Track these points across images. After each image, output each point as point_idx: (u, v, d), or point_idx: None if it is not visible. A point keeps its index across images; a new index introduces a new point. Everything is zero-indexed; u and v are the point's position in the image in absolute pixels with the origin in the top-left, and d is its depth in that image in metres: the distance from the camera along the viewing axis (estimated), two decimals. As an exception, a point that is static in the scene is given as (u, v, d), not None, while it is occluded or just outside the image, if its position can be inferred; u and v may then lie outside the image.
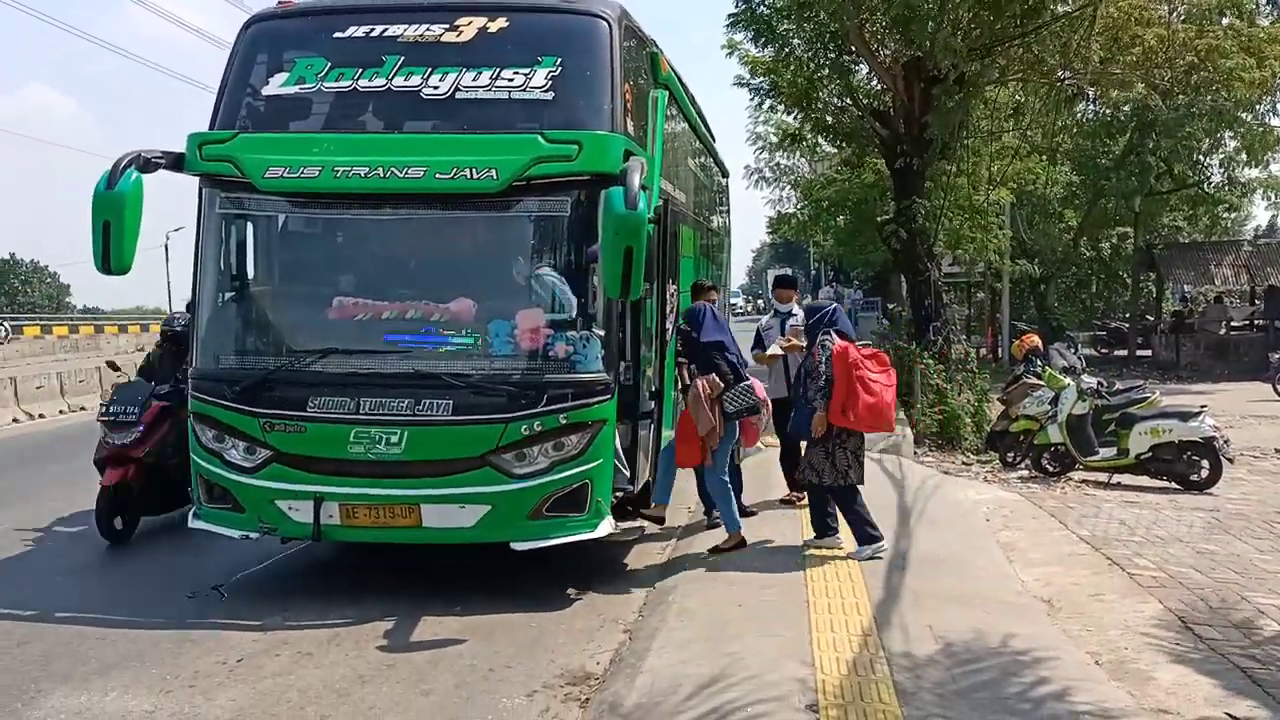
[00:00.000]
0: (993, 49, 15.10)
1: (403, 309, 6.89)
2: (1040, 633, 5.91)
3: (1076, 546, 8.05)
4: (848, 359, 7.13)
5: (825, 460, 7.29)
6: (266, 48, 7.36)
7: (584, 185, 6.63)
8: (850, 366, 7.09)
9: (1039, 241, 28.67)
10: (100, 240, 6.40)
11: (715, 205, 15.19)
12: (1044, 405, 11.71)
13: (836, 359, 7.15)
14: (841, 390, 7.11)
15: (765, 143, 26.46)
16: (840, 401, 7.11)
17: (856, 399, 7.07)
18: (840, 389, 7.11)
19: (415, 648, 6.04)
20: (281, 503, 6.69)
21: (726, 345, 7.57)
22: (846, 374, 7.09)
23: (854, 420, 7.15)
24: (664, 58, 8.38)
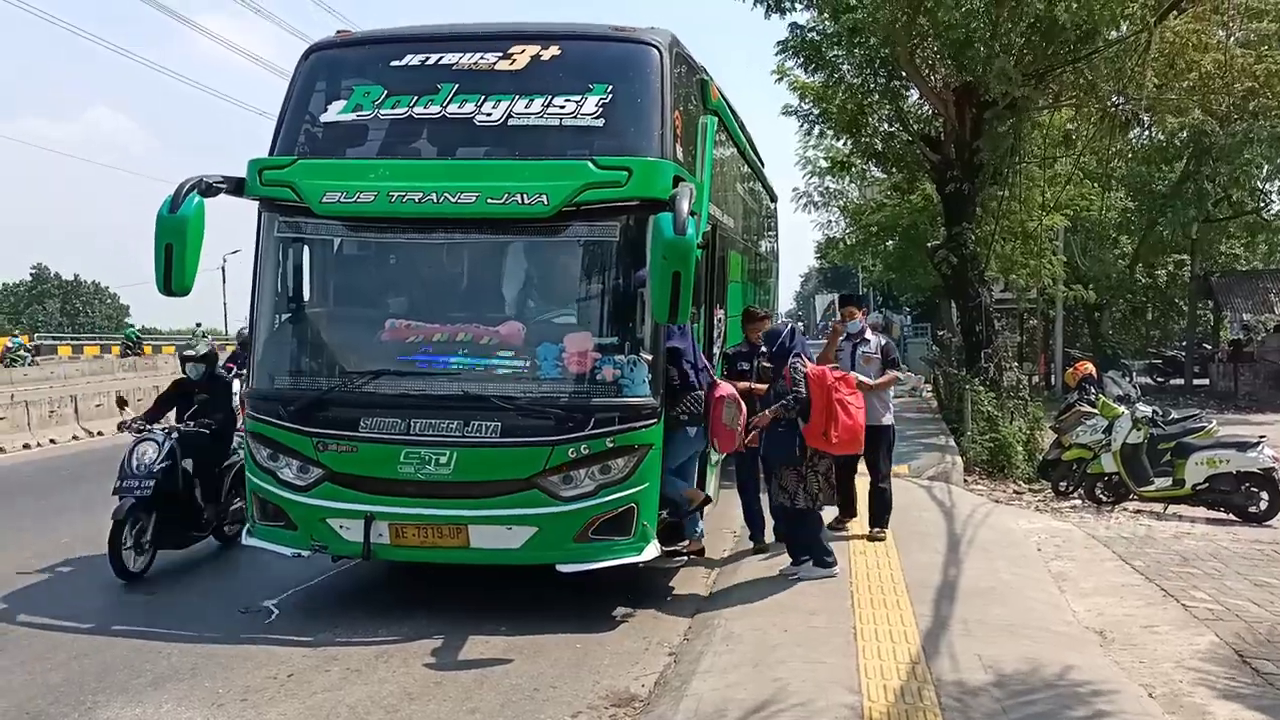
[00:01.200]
0: (1045, 74, 15.00)
1: (454, 332, 6.99)
2: (1092, 664, 5.81)
3: (1130, 577, 7.90)
4: (825, 382, 7.15)
5: (798, 483, 7.29)
6: (325, 76, 7.54)
7: (633, 210, 6.70)
8: (829, 390, 7.12)
9: (1093, 268, 28.27)
10: (162, 262, 6.58)
11: (763, 230, 15.22)
12: (1098, 434, 11.54)
13: (814, 382, 7.16)
14: (820, 413, 7.11)
15: (814, 167, 26.47)
16: (820, 424, 7.12)
17: (837, 421, 7.10)
18: (819, 412, 7.12)
19: (462, 666, 6.09)
20: (333, 521, 6.80)
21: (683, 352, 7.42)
22: (825, 398, 7.11)
23: (835, 442, 7.17)
24: (714, 84, 8.45)
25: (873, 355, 8.59)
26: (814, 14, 16.04)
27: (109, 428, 18.24)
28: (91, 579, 8.10)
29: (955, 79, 15.51)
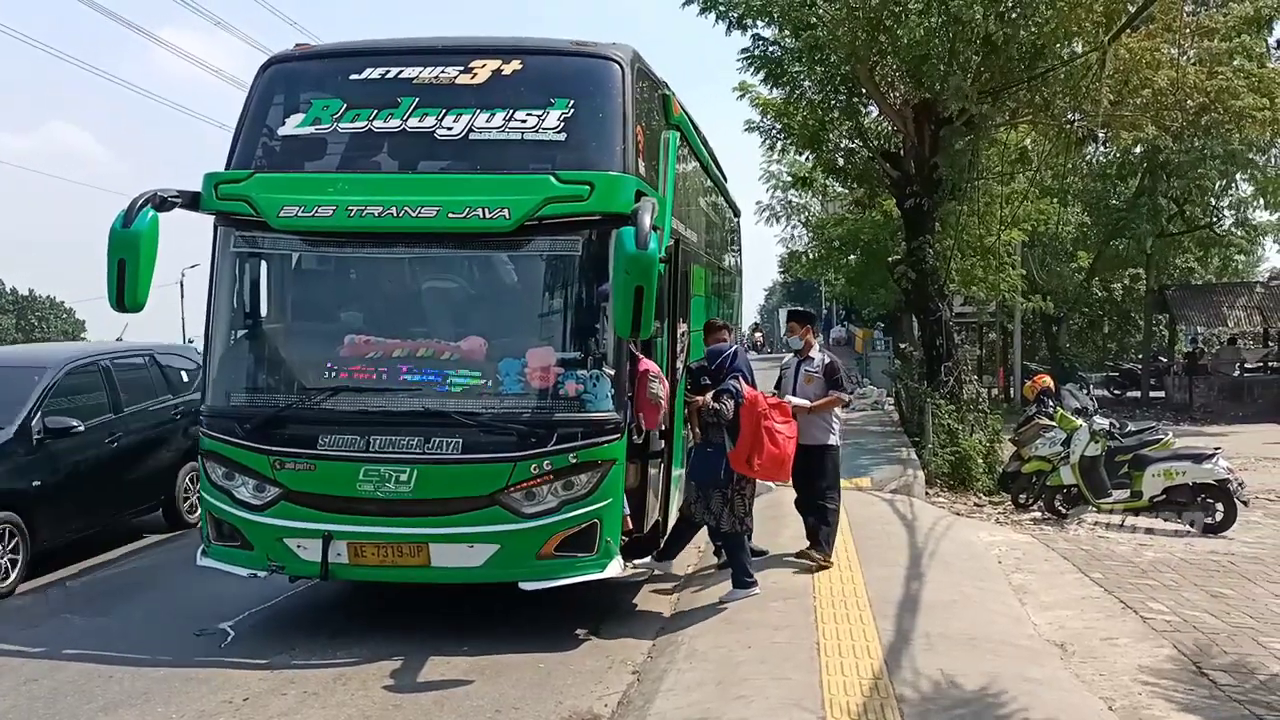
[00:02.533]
0: (1001, 92, 15.18)
1: (414, 347, 6.92)
2: (1053, 677, 5.84)
3: (1089, 589, 7.97)
4: (757, 409, 7.18)
5: (723, 506, 7.35)
6: (284, 89, 7.45)
7: (595, 225, 6.67)
8: (759, 416, 7.15)
9: (1051, 282, 28.65)
10: (115, 278, 6.46)
11: (727, 244, 15.24)
12: (1056, 446, 11.65)
13: (746, 408, 7.19)
14: (748, 439, 7.16)
15: (778, 181, 26.62)
16: (746, 450, 7.16)
17: (762, 448, 7.14)
18: (746, 438, 7.16)
19: (422, 688, 6.01)
20: (290, 541, 6.69)
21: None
22: (755, 424, 7.15)
23: (757, 469, 7.22)
24: (676, 99, 8.45)
25: (814, 374, 8.38)
26: (775, 30, 16.14)
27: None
28: (41, 601, 7.92)
29: (914, 96, 15.65)
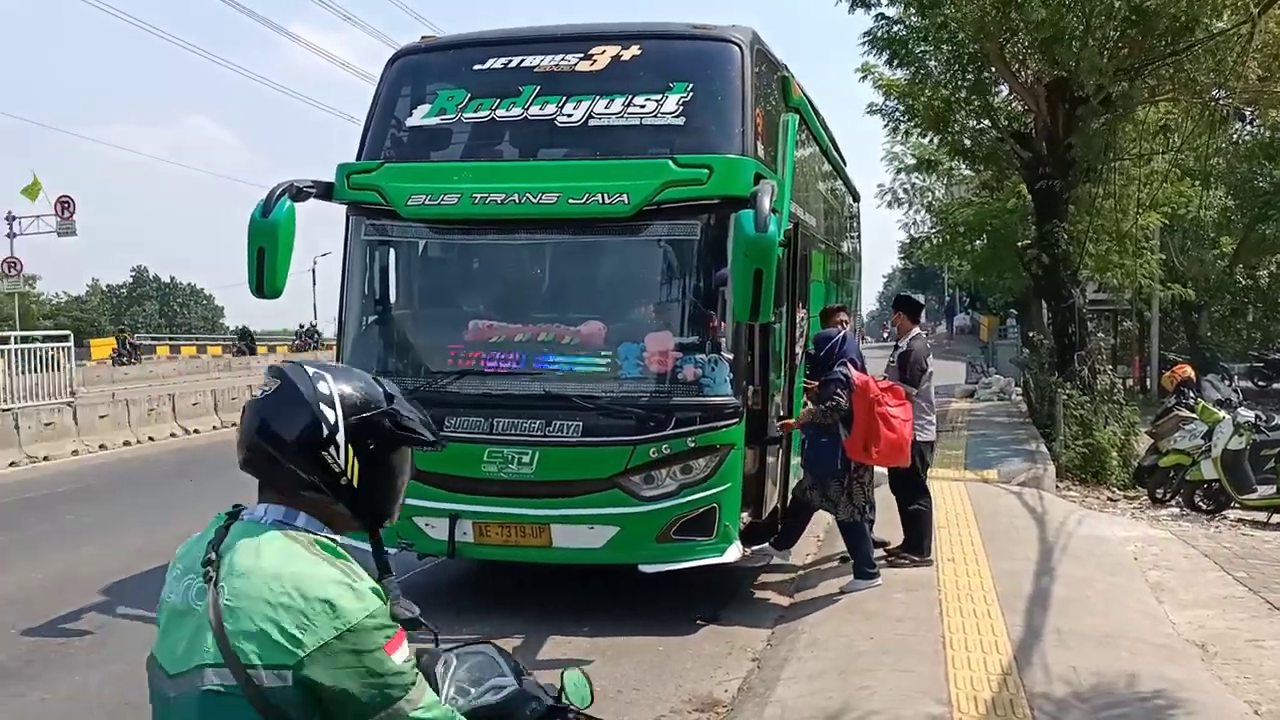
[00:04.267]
0: (1141, 69, 14.52)
1: (535, 331, 7.03)
2: (1194, 678, 5.58)
3: (1233, 589, 7.59)
4: (869, 394, 6.94)
5: (841, 493, 7.16)
6: (411, 81, 7.65)
7: (714, 209, 6.65)
8: (873, 402, 6.92)
9: (1191, 268, 27.31)
10: (255, 265, 6.74)
11: (845, 230, 15.02)
12: (1197, 439, 11.12)
13: (858, 394, 6.96)
14: (862, 426, 6.94)
15: (900, 164, 26.04)
16: (862, 438, 6.94)
17: (879, 436, 6.91)
18: (861, 425, 6.94)
19: (543, 665, 6.10)
20: (419, 519, 6.87)
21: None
22: (868, 410, 6.92)
23: (876, 456, 7.01)
24: (795, 81, 8.35)
25: (892, 363, 8.04)
26: (900, 8, 15.78)
27: (205, 425, 18.85)
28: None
29: (1047, 74, 15.11)
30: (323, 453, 1.92)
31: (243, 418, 1.99)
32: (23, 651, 6.46)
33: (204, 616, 1.80)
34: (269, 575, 1.80)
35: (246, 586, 1.79)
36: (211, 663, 1.77)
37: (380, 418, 2.02)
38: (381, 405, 2.03)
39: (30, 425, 15.30)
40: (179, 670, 1.84)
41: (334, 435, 1.94)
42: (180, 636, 1.85)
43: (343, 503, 1.98)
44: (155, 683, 1.93)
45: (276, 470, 1.93)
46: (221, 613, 1.77)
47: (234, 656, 1.74)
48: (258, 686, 1.73)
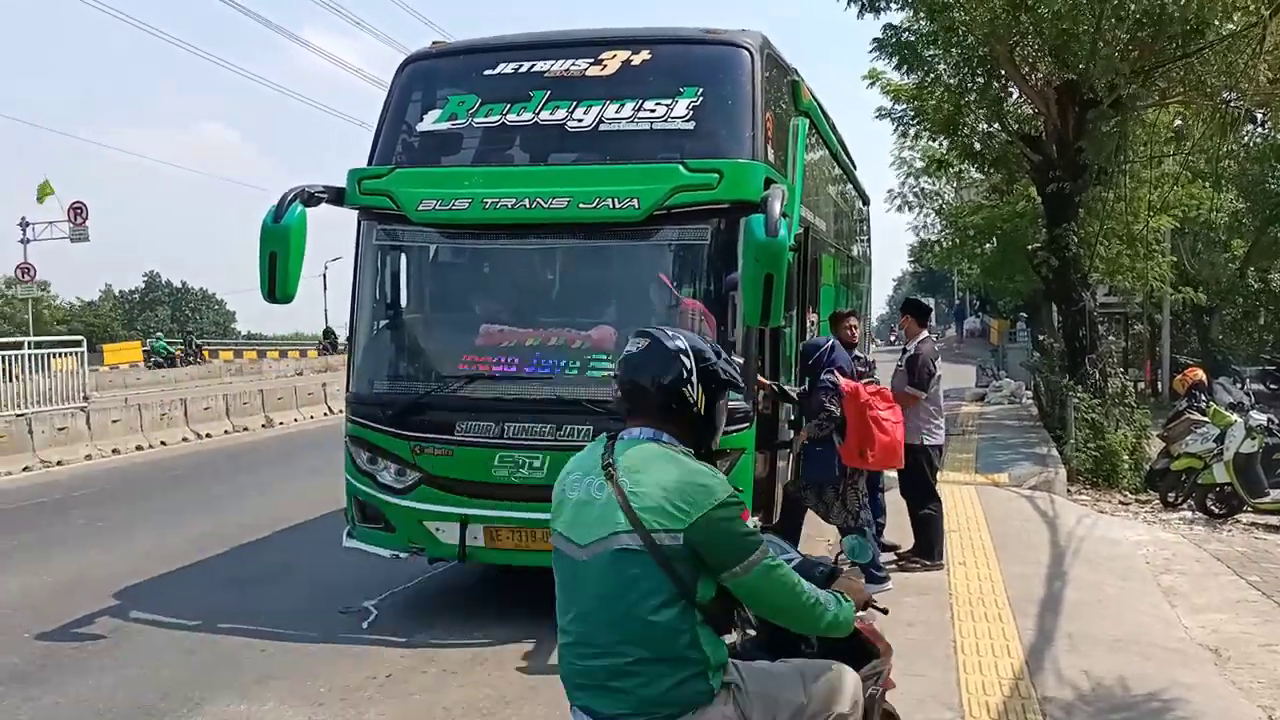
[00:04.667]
0: (1152, 71, 14.48)
1: (546, 336, 7.04)
2: (1207, 683, 5.57)
3: (1246, 593, 7.56)
4: (859, 400, 6.98)
5: (836, 499, 7.19)
6: (421, 86, 7.67)
7: (725, 213, 6.65)
8: (863, 407, 6.96)
9: (1203, 271, 27.21)
10: (267, 270, 6.76)
11: (855, 233, 15.02)
12: (1209, 443, 11.08)
13: (848, 401, 7.00)
14: (855, 432, 6.97)
15: (910, 168, 26.02)
16: (856, 443, 6.98)
17: (873, 439, 6.95)
18: (855, 430, 6.98)
19: (556, 671, 6.08)
20: (430, 524, 6.88)
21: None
22: (860, 415, 6.97)
23: (871, 460, 7.04)
24: (805, 85, 8.36)
25: (900, 367, 8.05)
26: (909, 13, 15.77)
27: (217, 430, 18.91)
28: (199, 578, 8.38)
29: (1057, 76, 15.09)
30: (683, 389, 2.82)
31: (620, 368, 2.91)
32: (36, 655, 6.49)
33: (609, 501, 2.71)
34: (658, 470, 2.71)
35: (643, 478, 2.69)
36: (624, 530, 2.67)
37: (714, 367, 2.87)
38: (714, 359, 2.87)
39: (44, 430, 15.37)
40: (590, 539, 2.74)
41: (690, 377, 2.82)
42: (588, 518, 2.75)
43: (690, 427, 2.86)
44: (565, 550, 2.83)
45: (649, 402, 2.84)
46: (627, 497, 2.68)
47: (641, 524, 2.65)
48: (658, 545, 2.64)
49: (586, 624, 2.78)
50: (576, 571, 2.80)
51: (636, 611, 2.67)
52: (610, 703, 2.74)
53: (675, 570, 2.65)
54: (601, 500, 2.74)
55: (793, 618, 2.85)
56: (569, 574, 2.84)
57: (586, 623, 2.78)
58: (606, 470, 2.76)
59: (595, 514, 2.74)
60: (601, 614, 2.74)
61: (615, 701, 2.73)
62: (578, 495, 2.82)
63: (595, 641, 2.75)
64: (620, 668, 2.70)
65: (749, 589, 2.72)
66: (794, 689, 2.90)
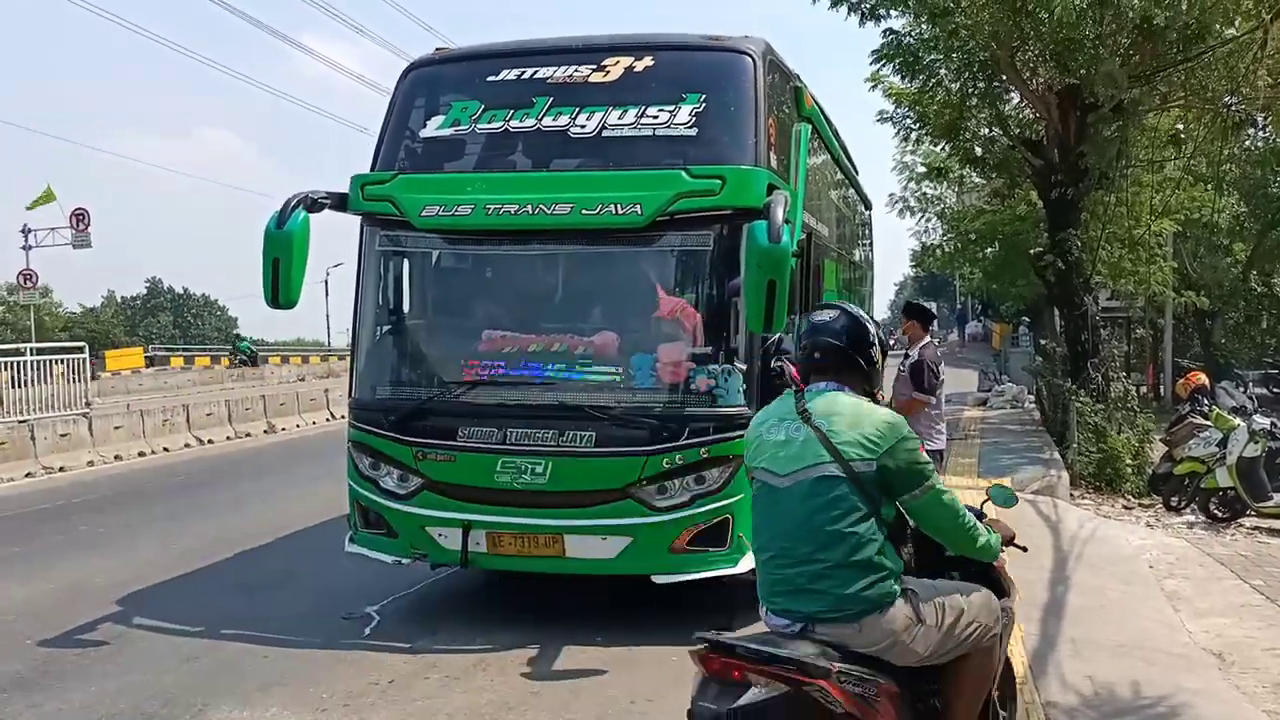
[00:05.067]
0: (1153, 76, 14.50)
1: (548, 342, 7.04)
2: (1210, 687, 5.56)
3: (1249, 597, 7.55)
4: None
5: None
6: (424, 92, 7.69)
7: (727, 219, 6.66)
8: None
9: (1204, 275, 27.20)
10: (269, 276, 6.76)
11: (857, 238, 15.03)
12: (1212, 447, 11.07)
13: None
14: None
15: (911, 172, 26.03)
16: None
17: None
18: None
19: (558, 676, 6.11)
20: (432, 529, 6.89)
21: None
22: None
23: None
24: (808, 91, 8.37)
25: (903, 373, 7.95)
26: (909, 19, 15.79)
27: (219, 435, 18.91)
28: (201, 584, 8.38)
29: (1058, 81, 15.10)
30: (870, 349, 3.54)
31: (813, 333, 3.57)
32: (39, 661, 6.49)
33: (808, 439, 3.36)
34: (850, 412, 3.38)
35: (837, 420, 3.35)
36: (825, 461, 3.31)
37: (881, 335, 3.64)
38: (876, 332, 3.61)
39: (46, 436, 15.37)
40: (791, 470, 3.37)
41: (874, 340, 3.57)
42: (788, 454, 3.39)
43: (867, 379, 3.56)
44: (767, 481, 3.46)
45: (839, 361, 3.51)
46: (826, 434, 3.33)
47: (840, 455, 3.29)
48: (855, 471, 3.28)
49: (788, 539, 3.37)
50: (777, 498, 3.41)
51: (835, 526, 3.27)
52: (809, 602, 3.31)
53: (868, 491, 3.29)
54: (800, 439, 3.38)
55: (953, 537, 3.53)
56: (769, 501, 3.46)
57: (788, 538, 3.37)
58: (803, 415, 3.41)
59: (795, 450, 3.38)
60: (803, 530, 3.33)
61: (814, 601, 3.30)
62: (776, 437, 3.47)
63: (795, 553, 3.34)
64: (819, 572, 3.28)
65: (922, 510, 3.40)
66: (956, 598, 3.49)
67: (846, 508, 3.27)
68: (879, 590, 3.26)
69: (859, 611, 3.25)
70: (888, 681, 3.26)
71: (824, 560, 3.27)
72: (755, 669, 3.11)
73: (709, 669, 3.23)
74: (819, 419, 3.37)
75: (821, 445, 3.32)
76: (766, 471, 3.46)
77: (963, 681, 3.55)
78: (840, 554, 3.26)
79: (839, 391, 3.45)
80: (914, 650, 3.35)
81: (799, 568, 3.32)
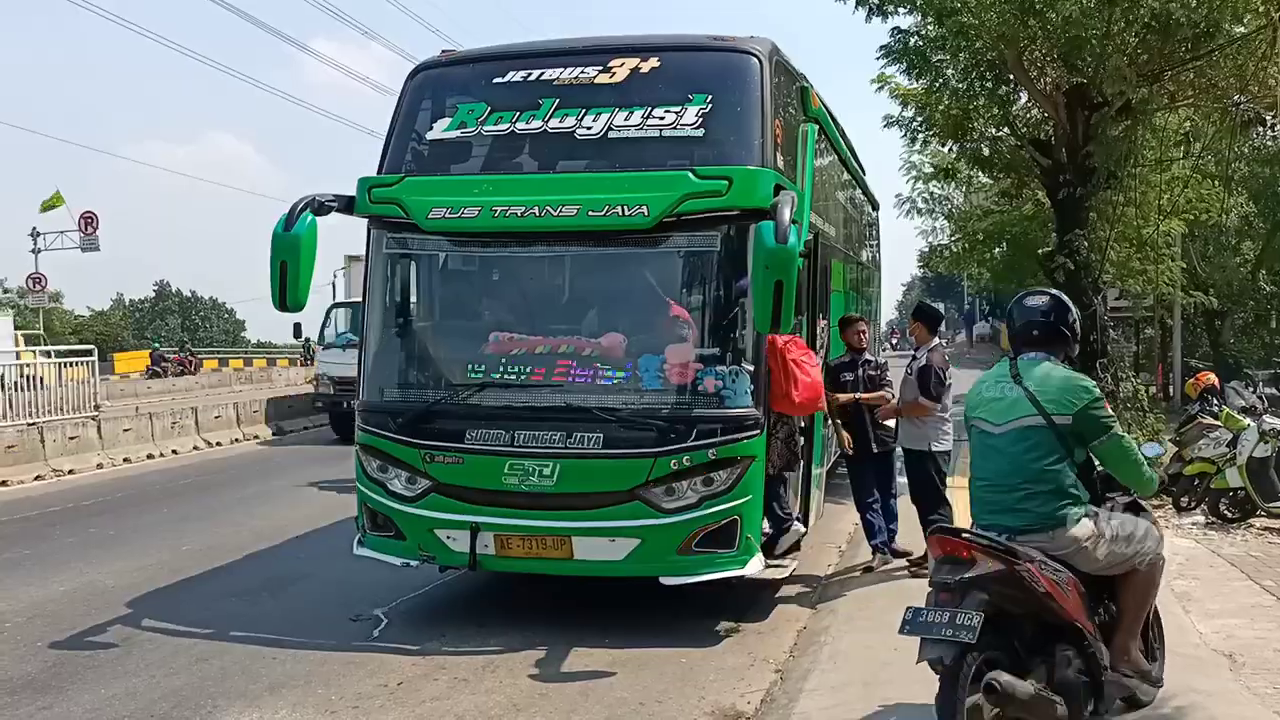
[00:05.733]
0: (1161, 74, 14.45)
1: (556, 344, 7.04)
2: (1223, 689, 5.52)
3: (1261, 598, 7.50)
4: (777, 345, 6.87)
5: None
6: (431, 94, 7.69)
7: (734, 220, 6.66)
8: (781, 352, 6.86)
9: (1213, 275, 27.11)
10: (277, 279, 6.78)
11: (865, 238, 15.01)
12: (1221, 447, 10.99)
13: (768, 350, 6.86)
14: (778, 377, 6.87)
15: (918, 173, 25.99)
16: (780, 386, 6.87)
17: (796, 380, 6.86)
18: (776, 376, 6.87)
19: (566, 678, 6.11)
20: (440, 532, 6.89)
21: None
22: (781, 360, 6.87)
23: (797, 399, 6.90)
24: (814, 92, 8.36)
25: (910, 376, 7.95)
26: (917, 18, 15.76)
27: (226, 439, 18.95)
28: (210, 587, 8.39)
29: (1066, 81, 15.06)
30: (1071, 322, 4.59)
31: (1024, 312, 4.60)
32: (49, 664, 6.51)
33: (1019, 397, 4.38)
34: (1054, 376, 4.41)
35: (1044, 382, 4.38)
36: (1031, 415, 4.35)
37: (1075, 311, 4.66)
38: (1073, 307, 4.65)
39: (55, 439, 15.42)
40: (1004, 420, 4.42)
41: (1074, 314, 4.62)
42: (1000, 409, 4.45)
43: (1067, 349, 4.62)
44: (984, 428, 4.53)
45: (1047, 335, 4.52)
46: (1034, 394, 4.34)
47: (1044, 411, 4.31)
48: (1055, 424, 4.31)
49: (1000, 473, 4.44)
50: (993, 441, 4.49)
51: (1037, 464, 4.34)
52: (1014, 519, 4.36)
53: (1063, 438, 4.34)
54: (1012, 397, 4.44)
55: (1128, 472, 4.57)
56: (985, 445, 4.54)
57: (1000, 472, 4.44)
58: (1015, 379, 4.47)
59: (1007, 405, 4.45)
60: (1012, 465, 4.39)
61: (1018, 518, 4.36)
62: (993, 395, 4.54)
63: (1006, 483, 4.41)
64: (1023, 497, 4.35)
65: (1106, 453, 4.49)
66: (1132, 522, 4.56)
67: (1046, 450, 4.34)
68: (1069, 510, 4.33)
69: (1052, 525, 4.31)
70: (1075, 578, 4.29)
71: (1028, 489, 4.34)
72: (981, 551, 4.17)
73: (945, 550, 4.30)
74: (1028, 381, 4.42)
75: (1029, 402, 4.37)
76: (984, 421, 4.55)
77: (1130, 594, 4.54)
78: (1040, 484, 4.33)
79: (1045, 360, 4.49)
80: (1095, 557, 4.38)
81: (1011, 494, 4.38)
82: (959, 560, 4.20)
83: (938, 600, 4.16)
